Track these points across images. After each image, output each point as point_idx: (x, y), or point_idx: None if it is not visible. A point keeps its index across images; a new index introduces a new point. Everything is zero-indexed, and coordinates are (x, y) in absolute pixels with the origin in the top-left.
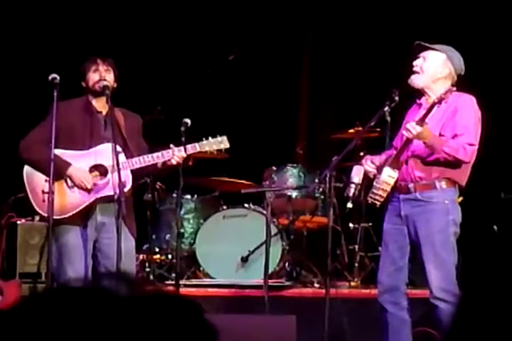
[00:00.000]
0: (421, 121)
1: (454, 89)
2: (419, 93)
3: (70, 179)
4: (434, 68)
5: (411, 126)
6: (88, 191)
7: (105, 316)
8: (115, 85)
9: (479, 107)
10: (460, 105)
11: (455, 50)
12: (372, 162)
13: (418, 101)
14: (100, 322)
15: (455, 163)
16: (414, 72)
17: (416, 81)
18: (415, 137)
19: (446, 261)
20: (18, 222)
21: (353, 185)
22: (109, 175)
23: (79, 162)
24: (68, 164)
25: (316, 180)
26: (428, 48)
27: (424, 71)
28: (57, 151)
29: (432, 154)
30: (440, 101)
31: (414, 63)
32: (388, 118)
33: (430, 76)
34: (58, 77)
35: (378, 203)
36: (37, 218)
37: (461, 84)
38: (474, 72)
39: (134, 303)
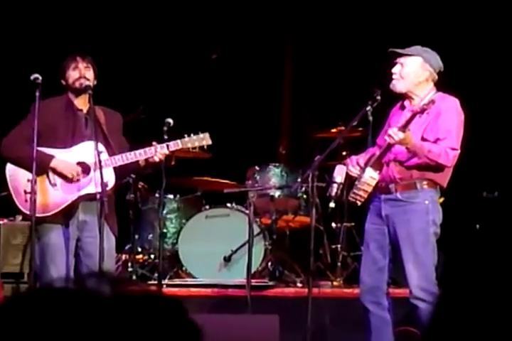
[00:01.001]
0: (403, 128)
1: (435, 93)
2: (403, 96)
3: (55, 172)
4: (414, 73)
5: (393, 133)
6: (73, 182)
7: (87, 316)
8: (95, 82)
9: (462, 108)
10: (443, 108)
11: (429, 50)
12: (357, 163)
13: (402, 102)
14: (82, 322)
15: (437, 167)
16: (393, 79)
17: (398, 87)
18: (397, 143)
19: (425, 261)
20: (0, 222)
21: (335, 185)
22: (91, 173)
23: (62, 159)
24: (51, 156)
25: (299, 180)
26: (403, 54)
27: (404, 77)
28: (39, 149)
29: (414, 157)
30: (422, 111)
31: (393, 71)
32: (370, 118)
33: (411, 81)
34: (40, 77)
35: (359, 203)
36: (19, 218)
37: (443, 83)
38: (456, 72)
39: (116, 303)
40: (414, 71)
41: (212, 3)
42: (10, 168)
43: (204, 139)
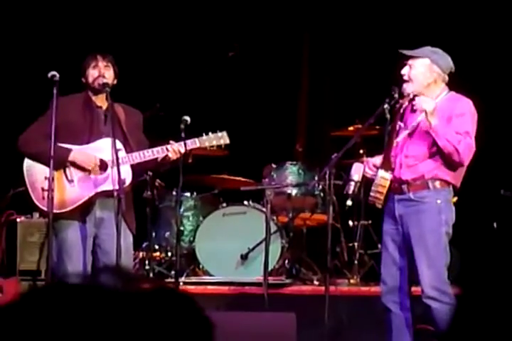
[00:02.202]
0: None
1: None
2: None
3: (73, 165)
4: (422, 75)
5: (425, 100)
6: (88, 185)
7: (100, 311)
8: (115, 82)
9: (477, 107)
10: (459, 109)
11: (439, 50)
12: (373, 165)
13: (414, 105)
14: (95, 317)
15: (450, 161)
16: (405, 81)
17: (408, 89)
18: (426, 109)
19: (437, 260)
20: (18, 220)
21: (352, 183)
22: (109, 170)
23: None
24: (69, 150)
25: (316, 178)
26: (411, 56)
27: (413, 79)
28: (59, 144)
29: (426, 157)
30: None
31: (402, 72)
32: (388, 116)
33: (420, 83)
34: (58, 75)
35: (379, 205)
36: (36, 215)
37: (458, 84)
38: (470, 71)
39: (129, 298)
40: (421, 73)
41: (229, 2)
42: (27, 164)
43: (222, 138)
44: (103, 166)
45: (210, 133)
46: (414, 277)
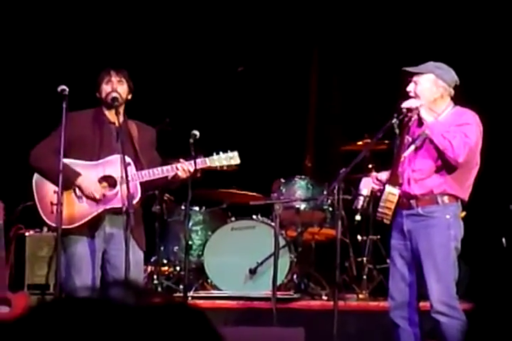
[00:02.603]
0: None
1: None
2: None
3: (79, 189)
4: (428, 90)
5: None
6: (97, 202)
7: (110, 325)
8: (129, 97)
9: (481, 121)
10: (462, 120)
11: (443, 65)
12: (378, 179)
13: (420, 120)
14: (105, 332)
15: (445, 158)
16: (411, 97)
17: (415, 106)
18: (418, 106)
19: (446, 275)
20: (27, 234)
21: (361, 197)
22: (118, 187)
23: (88, 172)
24: (77, 174)
25: (325, 192)
26: (415, 73)
27: (419, 96)
28: (67, 161)
29: (433, 171)
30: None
31: (408, 89)
32: (397, 131)
33: (427, 99)
34: (67, 89)
35: (386, 221)
36: (45, 229)
37: (462, 97)
38: (476, 85)
39: (139, 312)
40: (427, 88)
41: (238, 17)
42: (37, 179)
43: (232, 158)
44: (112, 183)
45: (221, 153)
46: (422, 292)
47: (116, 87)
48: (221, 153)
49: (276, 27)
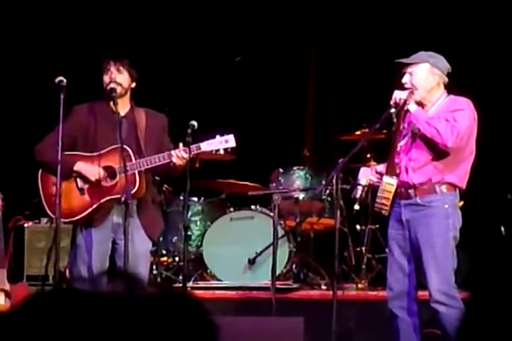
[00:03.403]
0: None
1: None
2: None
3: (80, 175)
4: (424, 80)
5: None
6: (97, 193)
7: (107, 315)
8: (132, 85)
9: (479, 110)
10: (456, 106)
11: (434, 53)
12: (377, 172)
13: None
14: (102, 321)
15: (434, 145)
16: (407, 89)
17: (416, 97)
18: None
19: (445, 264)
20: (25, 225)
21: (359, 187)
22: (117, 177)
23: (88, 163)
24: (74, 161)
25: (323, 182)
26: (410, 63)
27: (416, 86)
28: (68, 153)
29: (430, 160)
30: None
31: (403, 81)
32: (395, 120)
33: (424, 88)
34: (65, 80)
35: (385, 212)
36: (44, 220)
37: (457, 85)
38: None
39: (135, 302)
40: (424, 78)
41: (237, 5)
42: (42, 173)
43: (228, 141)
44: (112, 174)
45: (217, 136)
46: (421, 281)
47: (115, 76)
48: (217, 136)
49: (275, 15)
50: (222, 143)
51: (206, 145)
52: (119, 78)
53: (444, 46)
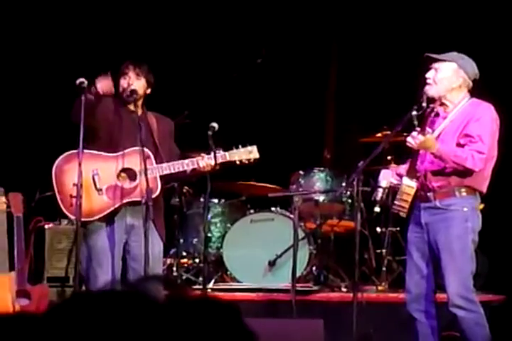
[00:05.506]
0: (422, 131)
1: (469, 99)
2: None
3: (98, 176)
4: (447, 79)
5: (412, 136)
6: (116, 194)
7: (144, 320)
8: (148, 91)
9: (498, 114)
10: (478, 114)
11: (466, 56)
12: (397, 174)
13: (436, 110)
14: (139, 326)
15: (465, 172)
16: (428, 84)
17: (430, 92)
18: (418, 147)
19: (463, 268)
20: (46, 226)
21: (380, 189)
22: (137, 180)
23: (108, 164)
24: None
25: (344, 184)
26: (438, 59)
27: (437, 83)
28: (87, 152)
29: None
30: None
31: (427, 75)
32: (415, 123)
33: (445, 87)
34: (86, 81)
35: (403, 214)
36: (64, 222)
37: (480, 90)
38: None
39: (172, 307)
40: (447, 77)
41: (258, 7)
42: (56, 170)
43: (251, 152)
44: (132, 176)
45: (240, 147)
46: (439, 284)
47: (133, 82)
48: (240, 146)
49: (296, 17)
50: (247, 153)
51: (231, 155)
52: (136, 84)
53: (468, 46)
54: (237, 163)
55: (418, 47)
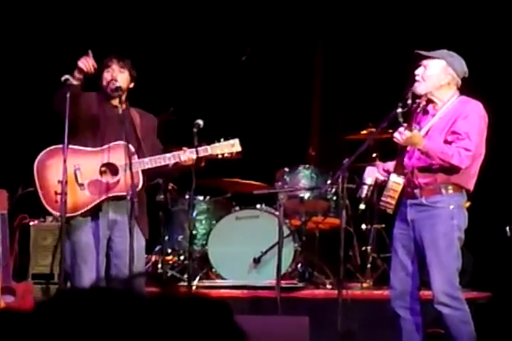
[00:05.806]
0: (409, 127)
1: (458, 97)
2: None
3: (79, 170)
4: (436, 76)
5: (399, 132)
6: (98, 189)
7: (133, 317)
8: (131, 85)
9: (487, 112)
10: (466, 112)
11: (455, 54)
12: (384, 170)
13: (425, 107)
14: (129, 324)
15: (452, 168)
16: (416, 81)
17: (419, 89)
18: (405, 143)
19: (449, 265)
20: (31, 223)
21: (365, 186)
22: (119, 174)
23: (91, 159)
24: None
25: (329, 181)
26: (427, 56)
27: (426, 80)
28: (70, 147)
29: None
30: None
31: (416, 72)
32: (401, 120)
33: (433, 84)
34: (71, 78)
35: (390, 210)
36: (49, 219)
37: (470, 88)
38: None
39: (162, 304)
40: (436, 74)
41: (243, 4)
42: (38, 165)
43: (234, 146)
44: (114, 171)
45: (222, 140)
46: (424, 281)
47: (117, 75)
48: (222, 140)
49: (281, 14)
50: (228, 147)
51: (213, 149)
52: (120, 77)
53: (457, 44)
54: (220, 156)
55: (403, 45)
